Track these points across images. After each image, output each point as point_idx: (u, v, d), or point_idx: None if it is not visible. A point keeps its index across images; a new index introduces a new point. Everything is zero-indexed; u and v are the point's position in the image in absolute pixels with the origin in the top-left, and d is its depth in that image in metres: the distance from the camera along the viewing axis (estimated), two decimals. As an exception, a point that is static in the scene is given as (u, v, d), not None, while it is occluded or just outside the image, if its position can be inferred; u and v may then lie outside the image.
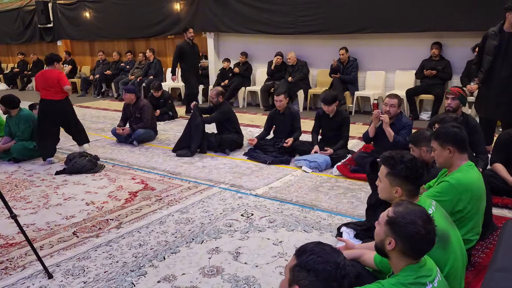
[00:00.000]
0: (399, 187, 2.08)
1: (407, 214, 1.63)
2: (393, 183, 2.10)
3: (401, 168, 2.07)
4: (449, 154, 2.45)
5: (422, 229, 1.59)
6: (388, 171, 2.12)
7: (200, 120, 5.43)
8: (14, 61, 14.35)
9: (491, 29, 4.72)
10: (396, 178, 2.09)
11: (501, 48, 4.63)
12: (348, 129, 4.95)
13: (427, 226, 1.60)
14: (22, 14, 13.24)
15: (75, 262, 2.83)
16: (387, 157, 2.15)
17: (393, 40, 7.42)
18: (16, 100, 5.28)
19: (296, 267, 1.29)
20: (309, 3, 7.91)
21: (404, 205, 1.69)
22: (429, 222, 1.62)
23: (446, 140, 2.44)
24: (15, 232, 3.23)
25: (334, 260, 1.27)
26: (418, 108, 7.22)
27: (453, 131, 2.45)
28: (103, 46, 11.90)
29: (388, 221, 1.66)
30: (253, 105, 9.20)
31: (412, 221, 1.60)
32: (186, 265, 2.76)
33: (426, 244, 1.62)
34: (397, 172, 2.07)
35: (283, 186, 4.17)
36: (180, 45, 7.88)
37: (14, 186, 4.39)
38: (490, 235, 2.94)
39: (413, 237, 1.59)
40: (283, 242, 3.02)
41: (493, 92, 4.76)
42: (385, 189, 2.15)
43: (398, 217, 1.64)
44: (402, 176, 2.07)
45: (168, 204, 3.79)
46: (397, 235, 1.62)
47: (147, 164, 5.03)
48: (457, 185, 2.36)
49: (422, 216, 1.62)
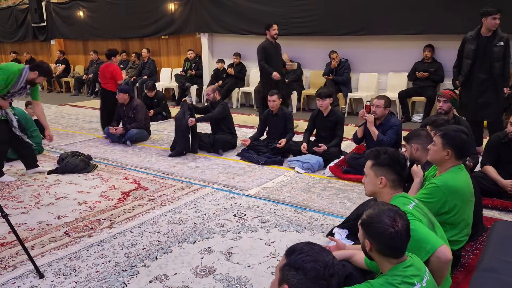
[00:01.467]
0: (384, 176, 2.15)
1: (376, 214, 1.68)
2: (378, 173, 2.17)
3: (384, 157, 2.16)
4: (446, 156, 2.46)
5: (390, 227, 1.62)
6: (373, 163, 2.20)
7: (181, 115, 5.34)
8: (7, 60, 14.20)
9: (469, 34, 4.90)
10: (380, 168, 2.16)
11: (479, 52, 4.80)
12: (342, 128, 4.99)
13: (395, 224, 1.63)
14: (15, 13, 13.14)
15: (66, 262, 2.82)
16: (371, 151, 2.26)
17: (386, 42, 7.47)
18: (8, 99, 5.24)
19: (286, 266, 1.31)
20: (302, 5, 7.95)
21: (376, 206, 1.74)
22: (397, 219, 1.64)
23: (450, 144, 2.43)
24: (6, 232, 3.21)
25: (323, 259, 1.29)
26: (410, 110, 7.28)
27: (462, 138, 2.44)
28: (97, 46, 11.85)
29: (361, 223, 1.73)
30: (246, 105, 9.22)
31: (379, 221, 1.65)
32: (178, 265, 2.76)
33: (396, 241, 1.64)
34: (381, 161, 2.16)
35: (275, 187, 4.19)
36: (263, 45, 6.24)
37: (6, 185, 4.37)
38: (480, 236, 2.97)
39: (381, 236, 1.64)
40: (275, 242, 3.04)
41: (473, 94, 4.93)
42: (370, 181, 2.21)
43: (368, 218, 1.70)
44: (385, 165, 2.15)
45: (161, 204, 3.79)
46: (369, 236, 1.68)
47: (140, 164, 5.03)
48: (443, 187, 2.38)
49: (390, 215, 1.65)
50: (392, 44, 7.46)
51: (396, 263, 1.66)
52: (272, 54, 6.26)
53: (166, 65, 10.72)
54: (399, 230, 1.63)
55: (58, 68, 12.09)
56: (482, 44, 4.79)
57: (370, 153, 2.25)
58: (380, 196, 2.19)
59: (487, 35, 4.76)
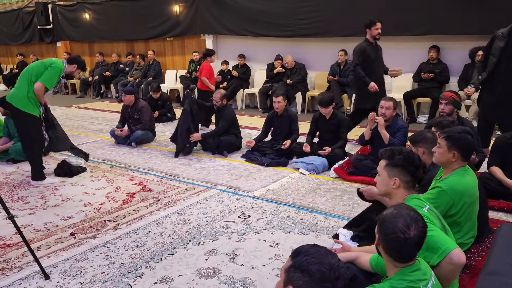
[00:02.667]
0: (397, 177, 2.11)
1: (394, 215, 1.65)
2: (391, 174, 2.13)
3: (398, 158, 2.12)
4: (452, 158, 2.44)
5: (400, 232, 1.59)
6: (387, 163, 2.15)
7: (187, 107, 5.42)
8: (14, 62, 14.35)
9: (500, 31, 4.62)
10: (393, 168, 2.12)
11: (506, 51, 4.55)
12: (345, 130, 4.98)
13: (407, 230, 1.59)
14: (22, 15, 13.25)
15: (72, 263, 2.83)
16: (385, 150, 2.20)
17: (391, 43, 7.43)
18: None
19: (291, 267, 1.31)
20: (307, 6, 7.95)
21: (397, 207, 1.71)
22: (412, 227, 1.60)
23: (456, 145, 2.42)
24: (13, 233, 3.23)
25: (328, 261, 1.29)
26: (415, 111, 7.25)
27: (466, 139, 2.43)
28: (103, 48, 11.92)
29: (379, 217, 1.71)
30: (251, 107, 9.22)
31: (393, 222, 1.62)
32: (183, 266, 2.77)
33: (401, 247, 1.61)
34: (395, 162, 2.12)
35: (280, 188, 4.19)
36: (361, 46, 5.35)
37: (12, 187, 4.40)
38: (486, 238, 2.95)
39: (388, 237, 1.62)
40: (279, 244, 3.04)
41: (494, 94, 4.72)
42: (383, 182, 2.17)
43: (386, 215, 1.67)
44: (400, 165, 2.11)
45: (166, 205, 3.80)
46: (380, 232, 1.66)
47: (145, 166, 5.04)
48: (449, 191, 2.37)
49: (407, 221, 1.61)
50: (397, 45, 7.43)
51: (401, 266, 1.65)
52: (372, 57, 5.34)
53: (171, 66, 10.76)
54: (409, 238, 1.59)
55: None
56: (511, 43, 4.53)
57: (384, 153, 2.20)
58: (393, 197, 2.15)
59: None
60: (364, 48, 5.31)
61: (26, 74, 4.29)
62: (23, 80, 4.29)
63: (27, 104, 4.24)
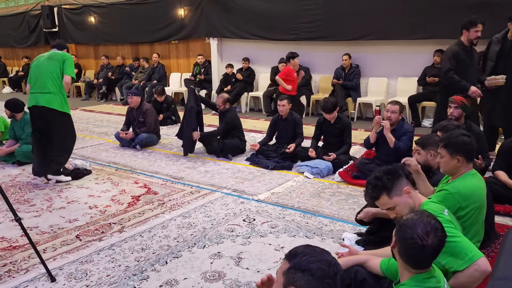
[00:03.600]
0: (404, 187, 2.12)
1: (414, 221, 1.63)
2: (399, 192, 2.12)
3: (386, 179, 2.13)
4: (457, 164, 2.44)
5: (418, 239, 1.57)
6: (387, 193, 2.13)
7: (192, 104, 5.44)
8: (19, 65, 14.45)
9: (495, 36, 4.79)
10: (395, 188, 2.12)
11: (502, 55, 4.71)
12: (350, 135, 4.97)
13: (426, 238, 1.57)
14: (28, 18, 13.36)
15: (78, 266, 2.84)
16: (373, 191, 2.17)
17: (396, 47, 7.45)
18: (20, 104, 5.33)
19: (290, 269, 1.32)
20: (312, 9, 7.97)
21: (419, 213, 1.70)
22: (431, 235, 1.58)
23: (457, 150, 2.42)
24: (19, 235, 3.25)
25: (326, 258, 1.32)
26: (420, 115, 7.24)
27: (464, 141, 2.43)
28: (108, 51, 11.99)
29: (398, 221, 1.71)
30: (255, 110, 9.24)
31: (412, 228, 1.60)
32: (188, 269, 2.77)
33: (417, 254, 1.60)
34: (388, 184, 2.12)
35: (285, 192, 4.19)
36: (454, 50, 4.71)
37: (18, 189, 4.42)
38: (492, 243, 2.94)
39: (406, 243, 1.61)
40: (284, 247, 3.03)
41: (494, 97, 4.82)
42: (402, 204, 2.13)
43: (405, 220, 1.66)
44: (394, 182, 2.13)
45: (171, 208, 3.81)
46: (398, 237, 1.65)
47: (150, 168, 5.06)
48: (456, 194, 2.37)
49: (426, 227, 1.59)
50: (401, 49, 7.44)
51: (416, 272, 1.64)
52: (466, 63, 4.67)
53: (176, 69, 10.80)
54: (427, 245, 1.57)
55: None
56: (506, 47, 4.68)
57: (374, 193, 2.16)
58: (414, 201, 2.13)
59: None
60: (457, 52, 4.66)
61: (46, 74, 4.29)
62: (46, 81, 4.28)
63: (65, 104, 4.42)
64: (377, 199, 2.15)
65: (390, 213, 2.16)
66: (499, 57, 4.72)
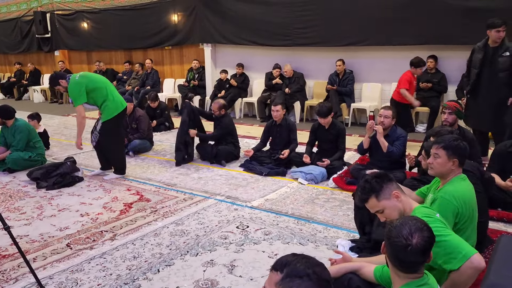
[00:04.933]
0: (393, 191, 2.13)
1: (401, 223, 1.66)
2: (388, 196, 2.13)
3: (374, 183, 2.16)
4: (452, 166, 2.47)
5: (403, 238, 1.59)
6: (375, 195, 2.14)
7: (185, 118, 5.44)
8: (11, 71, 14.36)
9: (478, 44, 4.99)
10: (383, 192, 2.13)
11: (486, 62, 4.87)
12: (344, 141, 4.97)
13: (409, 238, 1.59)
14: (20, 24, 13.29)
15: (68, 275, 2.80)
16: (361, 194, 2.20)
17: (389, 52, 7.48)
18: (11, 111, 5.27)
19: (285, 278, 1.30)
20: (306, 15, 7.99)
21: (406, 217, 1.72)
22: (415, 235, 1.60)
23: (455, 153, 2.46)
24: (8, 244, 3.19)
25: (316, 262, 1.32)
26: (414, 120, 7.25)
27: (463, 146, 2.49)
28: (101, 56, 11.94)
29: (387, 224, 1.75)
30: (249, 116, 9.22)
31: (397, 227, 1.63)
32: (180, 278, 2.73)
33: (403, 254, 1.60)
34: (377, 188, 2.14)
35: (278, 198, 4.16)
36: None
37: (8, 197, 4.36)
38: (486, 249, 2.93)
39: (392, 242, 1.62)
40: (278, 255, 3.00)
41: (478, 103, 5.00)
42: (391, 207, 2.14)
43: (393, 222, 1.69)
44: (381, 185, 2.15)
45: (163, 215, 3.77)
46: (386, 238, 1.67)
47: (143, 175, 5.02)
48: (451, 198, 2.37)
49: (411, 228, 1.61)
50: (395, 55, 7.46)
51: (407, 278, 1.63)
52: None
53: (169, 75, 10.78)
54: (410, 245, 1.58)
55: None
56: (489, 54, 4.85)
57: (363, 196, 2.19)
58: (405, 208, 2.14)
59: (494, 46, 4.84)
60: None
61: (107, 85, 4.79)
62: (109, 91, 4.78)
63: None
64: (366, 202, 2.17)
65: (380, 217, 2.18)
66: (483, 64, 4.90)
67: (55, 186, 4.57)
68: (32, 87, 12.86)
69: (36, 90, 12.72)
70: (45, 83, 13.14)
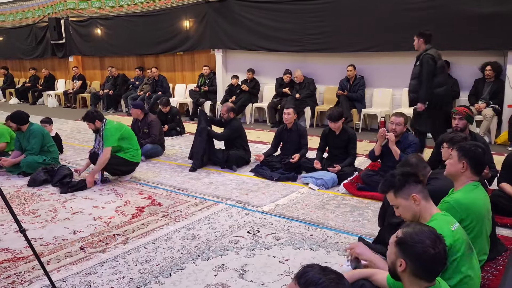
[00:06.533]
0: (413, 193, 2.14)
1: (415, 234, 1.63)
2: (406, 196, 2.15)
3: (397, 179, 2.20)
4: (461, 169, 2.46)
5: (431, 248, 1.58)
6: (393, 191, 2.20)
7: (204, 125, 5.50)
8: (26, 76, 14.61)
9: (429, 53, 5.30)
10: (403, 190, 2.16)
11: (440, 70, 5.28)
12: (355, 146, 4.96)
13: (436, 246, 1.59)
14: (35, 30, 13.54)
15: (81, 277, 2.83)
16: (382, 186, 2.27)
17: (401, 58, 7.45)
18: (25, 117, 5.34)
19: None
20: (317, 21, 8.01)
21: (412, 225, 1.70)
22: (438, 242, 1.61)
23: (465, 155, 2.46)
24: (23, 246, 3.25)
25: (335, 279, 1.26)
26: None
27: (477, 152, 2.48)
28: (113, 62, 12.09)
29: (397, 241, 1.67)
30: (260, 121, 9.25)
31: (420, 241, 1.61)
32: (192, 282, 2.75)
33: (436, 263, 1.60)
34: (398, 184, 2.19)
35: (289, 203, 4.17)
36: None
37: (23, 200, 4.43)
38: (500, 256, 2.90)
39: (421, 257, 1.59)
40: (289, 260, 3.01)
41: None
42: (405, 207, 2.18)
43: (406, 237, 1.65)
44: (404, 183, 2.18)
45: (175, 220, 3.79)
46: (406, 255, 1.62)
47: (154, 180, 5.06)
48: (456, 205, 2.37)
49: (431, 236, 1.62)
50: (406, 60, 7.40)
51: (421, 286, 1.63)
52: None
53: (181, 81, 10.87)
54: (440, 252, 1.59)
55: (75, 84, 12.35)
56: (441, 63, 5.32)
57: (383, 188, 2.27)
58: (422, 213, 2.15)
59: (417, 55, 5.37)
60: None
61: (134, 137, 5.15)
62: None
63: None
64: (385, 194, 2.25)
65: (396, 211, 2.23)
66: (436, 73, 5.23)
67: (69, 190, 4.65)
68: (46, 92, 13.07)
69: (50, 95, 12.92)
70: (59, 88, 13.36)
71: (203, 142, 5.45)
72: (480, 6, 6.36)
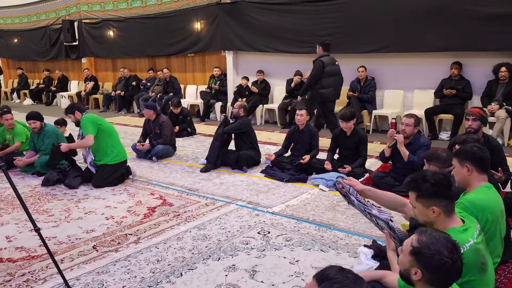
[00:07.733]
0: (434, 206, 2.01)
1: (432, 243, 1.59)
2: (426, 204, 2.04)
3: (426, 186, 2.01)
4: (467, 172, 2.44)
5: (449, 260, 1.56)
6: (416, 195, 2.07)
7: (220, 131, 5.56)
8: (40, 77, 14.82)
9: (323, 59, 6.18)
10: (426, 199, 2.03)
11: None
12: (366, 148, 4.94)
13: (453, 256, 1.56)
14: (49, 32, 13.74)
15: (94, 276, 2.87)
16: (409, 182, 2.11)
17: (412, 59, 7.41)
18: (40, 115, 5.44)
19: None
20: (328, 22, 7.99)
21: (428, 233, 1.65)
22: (455, 252, 1.58)
23: (465, 158, 2.45)
24: (37, 245, 3.31)
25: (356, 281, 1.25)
26: (437, 127, 7.15)
27: (473, 150, 2.46)
28: (125, 63, 12.22)
29: (412, 251, 1.63)
30: (270, 122, 9.26)
31: (437, 252, 1.57)
32: (202, 282, 2.77)
33: (453, 274, 1.59)
34: (424, 192, 2.02)
35: (299, 204, 4.17)
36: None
37: (37, 199, 4.51)
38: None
39: (439, 268, 1.57)
40: (299, 261, 3.02)
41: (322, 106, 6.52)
42: (422, 212, 2.08)
43: (422, 247, 1.60)
44: (431, 194, 2.01)
45: (186, 220, 3.83)
46: (423, 266, 1.59)
47: (166, 180, 5.10)
48: (470, 206, 2.34)
49: (448, 245, 1.58)
50: (418, 61, 7.40)
51: None
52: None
53: (192, 82, 10.93)
54: (457, 263, 1.57)
55: (87, 86, 12.50)
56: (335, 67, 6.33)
57: (409, 185, 2.09)
58: (438, 224, 2.04)
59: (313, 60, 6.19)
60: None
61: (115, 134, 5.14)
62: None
63: None
64: (408, 190, 2.13)
65: (412, 208, 2.17)
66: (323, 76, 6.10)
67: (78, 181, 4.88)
68: (60, 93, 13.27)
69: (63, 96, 13.11)
70: (72, 89, 13.54)
71: (218, 147, 5.53)
72: (494, 6, 6.29)
